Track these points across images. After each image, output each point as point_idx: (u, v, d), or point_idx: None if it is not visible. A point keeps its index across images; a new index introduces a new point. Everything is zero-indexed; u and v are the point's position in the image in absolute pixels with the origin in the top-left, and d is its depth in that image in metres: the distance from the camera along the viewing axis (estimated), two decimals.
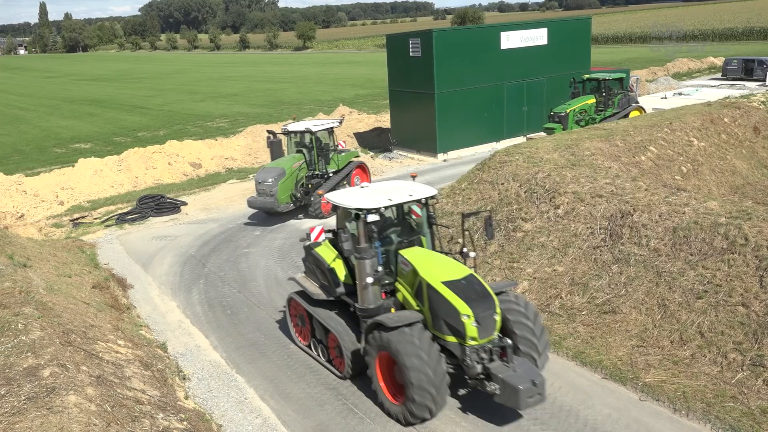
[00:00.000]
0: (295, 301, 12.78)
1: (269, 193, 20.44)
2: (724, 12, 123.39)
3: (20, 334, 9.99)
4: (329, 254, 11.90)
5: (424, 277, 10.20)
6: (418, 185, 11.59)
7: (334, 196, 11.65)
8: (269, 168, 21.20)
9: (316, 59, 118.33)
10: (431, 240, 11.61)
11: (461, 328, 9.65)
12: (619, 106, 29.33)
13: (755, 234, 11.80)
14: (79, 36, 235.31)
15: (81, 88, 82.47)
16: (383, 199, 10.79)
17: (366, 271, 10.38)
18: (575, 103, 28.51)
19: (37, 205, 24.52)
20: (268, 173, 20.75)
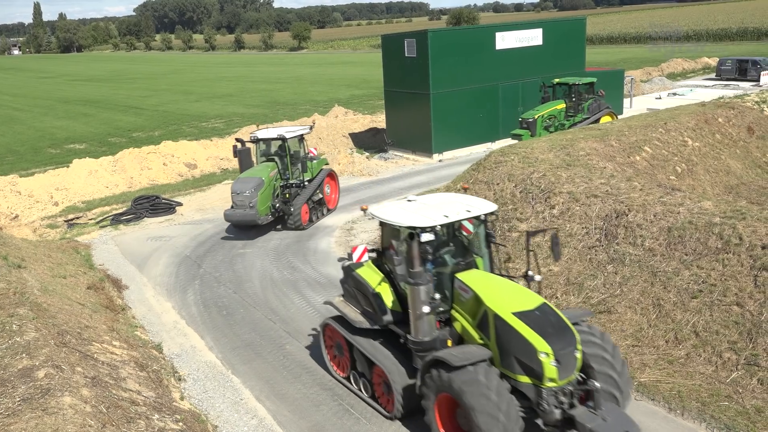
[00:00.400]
0: (331, 328, 11.53)
1: (249, 205, 19.04)
2: (718, 12, 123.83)
3: (15, 335, 9.95)
4: (374, 277, 10.61)
5: (490, 306, 8.94)
6: (474, 199, 10.52)
7: (380, 211, 10.32)
8: (246, 178, 19.60)
9: (311, 59, 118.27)
10: (489, 261, 10.38)
11: (538, 368, 8.36)
12: (590, 112, 28.73)
13: (749, 234, 11.84)
14: (74, 36, 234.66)
15: (75, 89, 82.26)
16: (438, 216, 9.54)
17: (421, 299, 9.09)
18: (544, 109, 27.98)
19: (32, 205, 24.45)
20: (245, 183, 19.24)
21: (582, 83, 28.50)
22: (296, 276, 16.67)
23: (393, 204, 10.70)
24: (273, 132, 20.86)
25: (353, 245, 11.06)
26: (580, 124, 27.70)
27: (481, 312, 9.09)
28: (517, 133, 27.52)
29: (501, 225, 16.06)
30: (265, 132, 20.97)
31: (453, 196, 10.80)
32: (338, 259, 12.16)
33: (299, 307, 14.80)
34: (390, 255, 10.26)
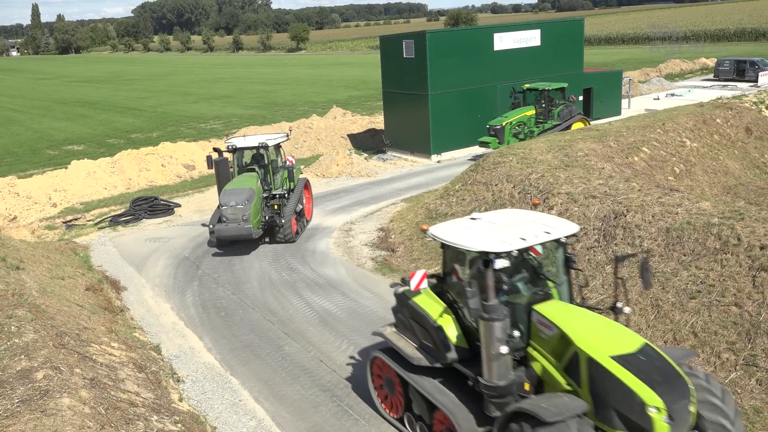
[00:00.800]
0: (381, 361, 10.26)
1: (242, 218, 17.54)
2: (716, 13, 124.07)
3: (13, 336, 9.94)
4: (434, 307, 9.29)
5: (583, 348, 7.64)
6: (550, 218, 9.36)
7: (444, 232, 9.04)
8: (235, 190, 17.98)
9: (309, 61, 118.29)
10: (568, 290, 9.04)
11: (647, 425, 7.03)
12: (560, 118, 28.01)
13: (748, 234, 11.85)
14: (72, 37, 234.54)
15: (73, 90, 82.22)
16: (514, 239, 8.34)
17: (497, 336, 7.80)
18: (513, 115, 27.37)
19: (30, 207, 24.42)
20: (236, 195, 17.71)
21: (553, 89, 27.92)
22: (295, 277, 16.67)
23: (456, 224, 9.42)
24: (252, 140, 19.43)
25: (411, 271, 9.33)
26: (551, 131, 27.17)
27: (570, 353, 7.80)
28: (485, 140, 26.95)
29: None
30: (243, 140, 19.47)
31: (523, 214, 9.53)
32: (391, 285, 10.90)
33: (298, 308, 14.79)
34: (453, 282, 9.09)
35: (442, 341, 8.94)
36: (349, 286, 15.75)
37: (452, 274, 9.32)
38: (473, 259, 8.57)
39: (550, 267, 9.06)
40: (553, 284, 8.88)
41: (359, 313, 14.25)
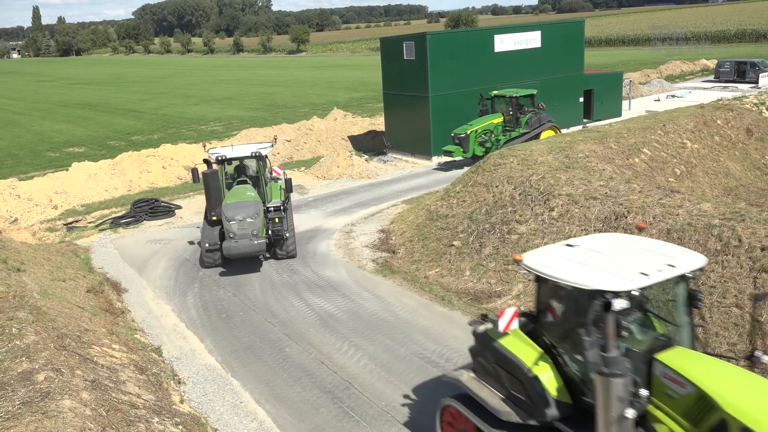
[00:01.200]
0: (454, 412, 8.82)
1: (252, 233, 16.53)
2: (717, 14, 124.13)
3: (14, 338, 9.95)
4: (528, 352, 7.86)
5: (734, 415, 6.05)
6: (665, 245, 7.74)
7: (543, 263, 7.61)
8: (239, 204, 16.85)
9: (310, 62, 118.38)
10: (690, 334, 7.50)
11: None
12: (528, 126, 27.12)
13: (749, 235, 11.85)
14: (73, 40, 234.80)
15: (74, 92, 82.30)
16: (633, 273, 6.86)
17: (619, 395, 6.43)
18: (479, 123, 26.64)
19: (31, 209, 24.44)
20: (242, 209, 16.59)
21: (521, 95, 27.05)
22: (295, 279, 16.67)
23: (553, 253, 7.89)
24: (243, 149, 18.29)
25: (500, 310, 7.95)
26: (517, 140, 26.33)
27: (716, 420, 6.23)
28: (449, 149, 26.24)
29: (500, 227, 16.07)
30: (231, 150, 18.27)
31: (629, 241, 8.08)
32: (469, 322, 9.57)
33: (299, 309, 14.79)
34: (551, 323, 7.88)
35: (539, 394, 7.51)
36: (350, 288, 15.76)
37: (548, 312, 7.95)
38: (579, 296, 7.19)
39: (662, 304, 7.65)
40: (670, 325, 7.50)
41: (360, 315, 14.25)
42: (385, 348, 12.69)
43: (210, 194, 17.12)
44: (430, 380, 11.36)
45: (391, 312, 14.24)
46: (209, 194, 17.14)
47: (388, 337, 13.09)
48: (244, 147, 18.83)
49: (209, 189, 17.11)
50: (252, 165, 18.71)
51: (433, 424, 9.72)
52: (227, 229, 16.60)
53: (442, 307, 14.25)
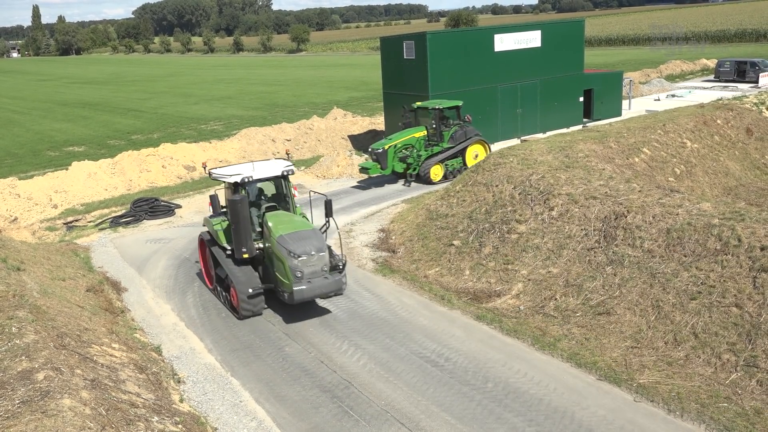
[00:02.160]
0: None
1: (323, 269, 13.61)
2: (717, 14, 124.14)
3: (14, 337, 9.95)
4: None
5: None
6: None
7: None
8: (301, 234, 13.67)
9: (310, 62, 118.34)
10: None
11: None
12: (453, 140, 25.23)
13: (748, 235, 11.86)
14: (73, 39, 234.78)
15: (74, 91, 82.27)
16: None
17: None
18: (399, 137, 24.81)
19: (31, 208, 24.43)
20: (310, 241, 13.53)
21: (445, 107, 25.19)
22: None
23: None
24: (267, 168, 15.14)
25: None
26: (440, 155, 24.87)
27: None
28: (365, 166, 24.46)
29: (500, 226, 16.06)
30: (251, 169, 14.96)
31: None
32: None
33: (298, 308, 14.78)
34: None
35: None
36: (350, 287, 15.74)
37: None
38: None
39: None
40: None
41: (360, 314, 14.25)
42: (384, 347, 12.70)
43: (240, 226, 13.78)
44: (430, 379, 11.36)
45: (390, 311, 14.24)
46: (240, 226, 13.82)
47: (387, 337, 13.10)
48: (265, 165, 15.55)
49: (239, 219, 13.76)
50: (271, 186, 15.67)
51: (434, 425, 9.76)
52: (293, 267, 13.29)
53: (441, 307, 14.25)
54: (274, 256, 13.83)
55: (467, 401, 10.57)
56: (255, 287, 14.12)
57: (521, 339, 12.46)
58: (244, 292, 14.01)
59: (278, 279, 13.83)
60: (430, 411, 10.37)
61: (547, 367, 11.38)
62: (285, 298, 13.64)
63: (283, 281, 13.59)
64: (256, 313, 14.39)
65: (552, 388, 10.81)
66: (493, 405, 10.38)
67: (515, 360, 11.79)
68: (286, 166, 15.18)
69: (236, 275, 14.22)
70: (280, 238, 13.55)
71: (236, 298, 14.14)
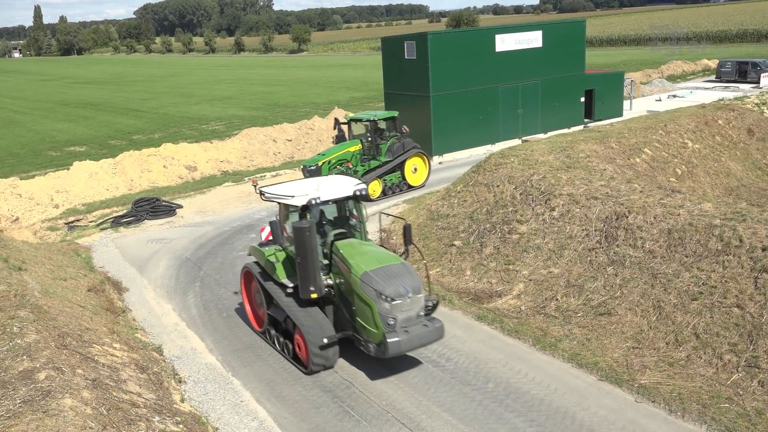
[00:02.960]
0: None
1: (418, 315, 11.29)
2: (717, 14, 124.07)
3: (15, 337, 9.95)
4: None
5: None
6: None
7: None
8: (390, 269, 11.27)
9: (311, 62, 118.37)
10: None
11: None
12: (391, 154, 23.68)
13: (750, 235, 11.85)
14: (74, 39, 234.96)
15: (76, 91, 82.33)
16: None
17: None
18: (332, 152, 23.22)
19: (32, 208, 24.45)
20: (403, 279, 11.14)
21: (381, 119, 23.76)
22: None
23: None
24: (335, 187, 12.57)
25: None
26: (378, 170, 23.30)
27: None
28: None
29: (501, 227, 16.06)
30: (315, 188, 12.53)
31: None
32: None
33: None
34: None
35: None
36: None
37: None
38: None
39: None
40: None
41: None
42: None
43: (308, 259, 11.40)
44: (431, 379, 11.36)
45: None
46: (307, 260, 11.41)
47: None
48: (331, 183, 12.97)
49: (307, 251, 11.38)
50: (332, 208, 13.21)
51: (435, 425, 9.76)
52: (383, 313, 10.91)
53: (442, 307, 14.22)
54: (354, 297, 11.32)
55: (468, 401, 10.57)
56: (330, 336, 11.55)
57: (522, 339, 12.46)
58: (316, 342, 11.44)
59: (360, 326, 11.32)
60: (431, 411, 10.37)
61: (548, 368, 11.38)
62: (370, 350, 11.14)
63: (368, 329, 11.09)
64: (328, 366, 11.82)
65: (553, 388, 10.81)
66: (494, 405, 10.37)
67: (516, 360, 11.78)
68: (356, 184, 12.65)
69: (304, 321, 11.74)
70: (366, 276, 11.05)
71: (304, 348, 11.65)
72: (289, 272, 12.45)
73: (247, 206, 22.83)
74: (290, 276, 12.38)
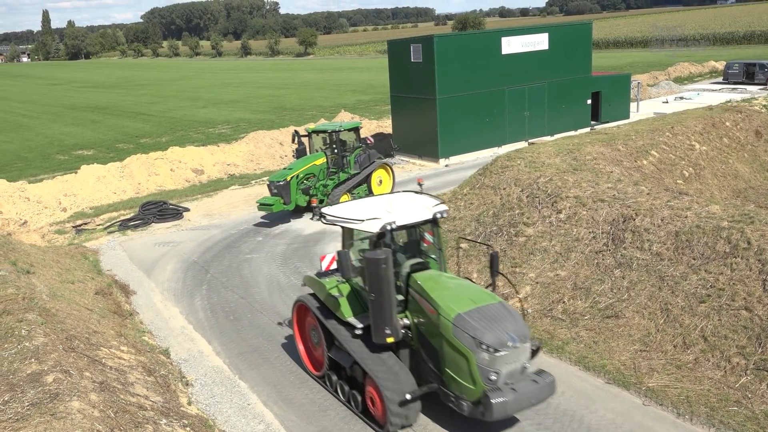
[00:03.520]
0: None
1: (525, 367, 9.36)
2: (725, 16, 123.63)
3: (24, 340, 10.00)
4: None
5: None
6: None
7: None
8: (490, 310, 9.33)
9: (317, 65, 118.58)
10: None
11: None
12: (358, 165, 22.77)
13: (758, 238, 11.79)
14: (82, 43, 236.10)
15: (83, 95, 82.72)
16: None
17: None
18: (299, 167, 21.77)
19: (40, 211, 24.57)
20: (509, 325, 9.14)
21: (344, 129, 22.59)
22: None
23: None
24: (413, 209, 10.60)
25: None
26: (348, 183, 22.28)
27: None
28: (265, 202, 21.07)
29: (508, 229, 16.03)
30: (388, 209, 10.53)
31: None
32: None
33: None
34: None
35: None
36: None
37: None
38: None
39: None
40: None
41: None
42: None
43: (384, 296, 9.38)
44: None
45: None
46: (383, 296, 9.36)
47: None
48: (403, 203, 10.86)
49: (382, 287, 9.33)
50: (403, 233, 11.15)
51: (442, 428, 9.74)
52: (483, 366, 8.91)
53: None
54: (443, 344, 9.32)
55: None
56: (413, 392, 9.46)
57: None
58: (395, 398, 9.40)
59: (451, 379, 9.36)
60: (438, 414, 10.35)
61: (556, 371, 11.31)
62: (463, 409, 9.22)
63: (462, 384, 9.16)
64: (407, 425, 9.77)
65: (560, 391, 10.76)
66: None
67: None
68: (435, 204, 10.58)
69: (379, 371, 9.77)
70: (459, 320, 9.07)
71: (380, 404, 9.69)
72: (356, 309, 10.62)
73: (254, 209, 22.87)
74: (357, 313, 10.57)
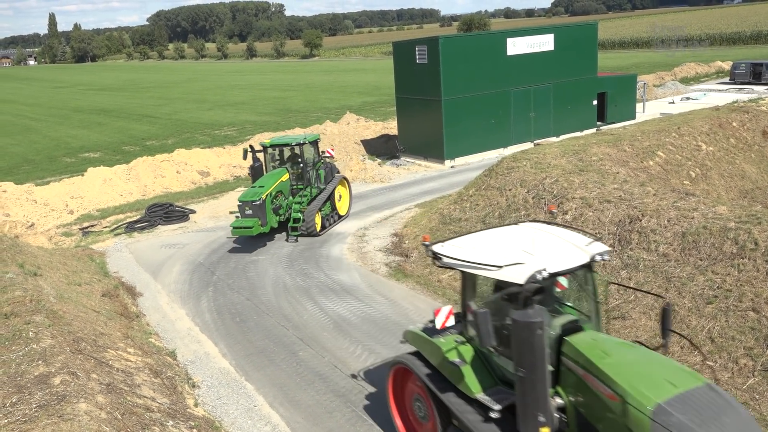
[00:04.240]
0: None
1: None
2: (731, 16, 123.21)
3: (31, 342, 10.04)
4: None
5: None
6: None
7: None
8: (697, 397, 6.46)
9: (322, 67, 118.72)
10: None
11: None
12: (324, 181, 21.40)
13: (765, 239, 11.74)
14: (88, 46, 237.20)
15: (90, 98, 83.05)
16: None
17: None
18: (270, 184, 19.57)
19: (47, 214, 24.68)
20: (728, 424, 6.28)
21: (306, 142, 20.79)
22: (309, 283, 16.70)
23: None
24: (565, 251, 7.89)
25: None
26: (319, 199, 20.67)
27: None
28: (241, 225, 18.68)
29: None
30: (526, 249, 7.90)
31: None
32: None
33: (312, 313, 14.82)
34: None
35: None
36: (363, 292, 15.76)
37: None
38: None
39: None
40: None
41: (373, 319, 14.25)
42: (398, 351, 12.65)
43: (537, 372, 6.78)
44: None
45: (404, 316, 14.22)
46: (536, 373, 6.78)
47: None
48: (548, 240, 8.10)
49: (536, 359, 6.77)
50: None
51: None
52: None
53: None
54: None
55: None
56: None
57: None
58: None
59: None
60: None
61: None
62: None
63: None
64: None
65: None
66: None
67: None
68: (589, 243, 7.80)
69: None
70: (661, 413, 6.25)
71: None
72: (485, 381, 8.15)
73: None
74: (487, 387, 8.10)
